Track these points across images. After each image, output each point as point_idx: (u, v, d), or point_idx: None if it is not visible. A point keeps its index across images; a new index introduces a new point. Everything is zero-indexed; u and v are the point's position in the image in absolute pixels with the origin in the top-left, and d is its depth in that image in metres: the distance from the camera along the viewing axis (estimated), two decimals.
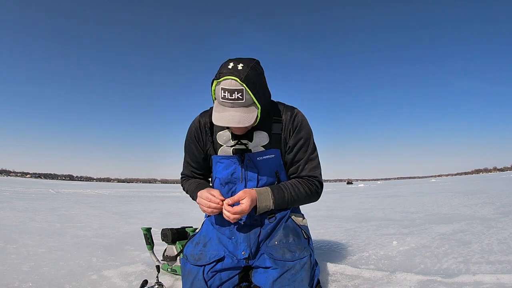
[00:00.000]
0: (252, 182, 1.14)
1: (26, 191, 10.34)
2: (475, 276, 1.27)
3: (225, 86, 0.97)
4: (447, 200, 5.34)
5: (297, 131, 1.15)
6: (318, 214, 4.10)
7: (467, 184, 13.11)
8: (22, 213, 4.04)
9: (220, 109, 1.01)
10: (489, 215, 3.16)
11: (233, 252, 1.09)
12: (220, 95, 0.99)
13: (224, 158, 1.16)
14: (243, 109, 1.00)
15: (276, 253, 1.05)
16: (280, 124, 1.15)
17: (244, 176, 1.14)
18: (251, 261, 1.07)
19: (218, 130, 1.18)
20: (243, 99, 0.98)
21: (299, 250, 1.06)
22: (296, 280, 0.99)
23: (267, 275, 1.01)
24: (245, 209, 1.02)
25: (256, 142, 1.13)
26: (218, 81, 0.99)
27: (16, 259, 1.72)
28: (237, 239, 1.10)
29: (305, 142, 1.16)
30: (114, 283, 1.36)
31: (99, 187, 19.49)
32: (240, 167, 1.14)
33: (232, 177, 1.15)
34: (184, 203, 6.57)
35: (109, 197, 9.06)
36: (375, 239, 2.21)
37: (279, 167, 1.17)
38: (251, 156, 1.13)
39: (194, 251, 1.12)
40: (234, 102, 0.98)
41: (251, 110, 1.01)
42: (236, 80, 0.96)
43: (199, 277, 1.03)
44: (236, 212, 1.02)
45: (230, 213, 1.02)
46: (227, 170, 1.16)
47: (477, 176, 47.53)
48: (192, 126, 1.25)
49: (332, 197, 8.70)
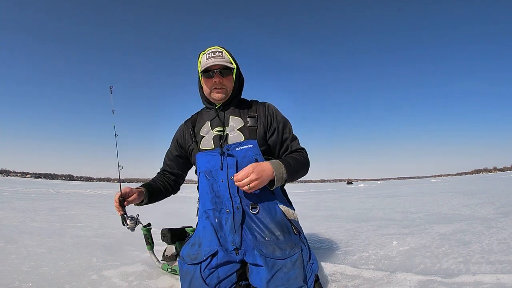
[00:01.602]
0: (232, 169, 1.20)
1: (26, 191, 10.34)
2: (475, 276, 1.27)
3: (209, 51, 1.30)
4: (447, 200, 5.34)
5: (275, 116, 1.33)
6: (318, 214, 4.09)
7: (467, 184, 13.10)
8: (22, 213, 4.04)
9: (205, 66, 1.27)
10: (489, 215, 3.16)
11: (224, 245, 1.12)
12: (205, 57, 1.29)
13: (207, 154, 1.27)
14: (223, 62, 1.26)
15: (266, 250, 1.07)
16: (255, 118, 1.30)
17: (225, 164, 1.21)
18: (240, 251, 1.09)
19: (200, 126, 1.37)
20: (222, 56, 1.28)
21: (289, 247, 1.07)
22: (290, 279, 0.99)
23: (260, 276, 1.02)
24: (247, 171, 1.09)
25: (232, 126, 1.29)
26: (203, 52, 1.32)
27: (16, 259, 1.72)
28: (225, 231, 1.16)
29: (285, 124, 1.34)
30: (114, 283, 1.36)
31: (99, 187, 19.48)
32: (220, 157, 1.23)
33: (213, 167, 1.24)
34: (184, 203, 6.57)
35: (109, 197, 9.05)
36: (375, 239, 2.21)
37: (258, 156, 1.24)
38: (229, 146, 1.24)
39: (191, 252, 1.13)
40: (216, 57, 1.27)
41: (229, 64, 1.29)
42: (217, 47, 1.31)
43: (196, 276, 1.04)
44: (240, 177, 1.09)
45: (239, 182, 1.09)
46: (209, 162, 1.25)
47: (477, 176, 47.54)
48: (179, 128, 1.48)
49: (332, 197, 8.70)
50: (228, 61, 1.29)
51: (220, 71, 1.27)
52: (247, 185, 1.08)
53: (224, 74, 1.28)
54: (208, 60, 1.26)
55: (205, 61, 1.27)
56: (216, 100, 1.32)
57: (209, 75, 1.27)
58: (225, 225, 1.16)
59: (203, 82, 1.32)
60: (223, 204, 1.20)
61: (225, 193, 1.20)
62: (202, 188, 1.29)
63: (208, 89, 1.31)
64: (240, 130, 1.28)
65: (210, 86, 1.30)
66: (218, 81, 1.27)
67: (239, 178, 1.09)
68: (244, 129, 1.28)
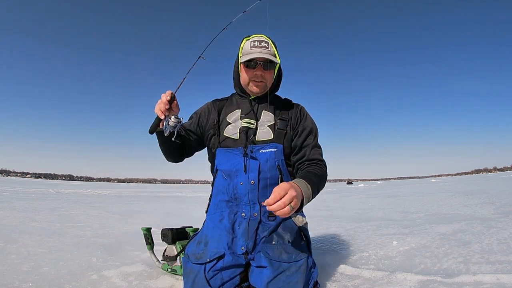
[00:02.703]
0: (253, 173, 1.15)
1: (26, 191, 10.34)
2: (475, 276, 1.27)
3: (255, 39, 1.21)
4: (447, 200, 5.34)
5: (304, 119, 1.28)
6: (318, 214, 4.09)
7: (467, 184, 13.10)
8: (22, 213, 4.04)
9: (249, 55, 1.18)
10: (489, 215, 3.16)
11: (233, 248, 1.09)
12: (249, 45, 1.21)
13: (227, 151, 1.21)
14: (268, 55, 1.18)
15: (272, 253, 1.05)
16: (285, 122, 1.24)
17: (247, 166, 1.16)
18: (249, 256, 1.07)
19: (228, 111, 1.29)
20: (268, 48, 1.21)
21: (296, 252, 1.06)
22: (291, 282, 0.98)
23: (262, 275, 1.01)
24: (281, 189, 0.88)
25: (263, 121, 1.24)
26: (248, 38, 1.23)
27: (16, 259, 1.72)
28: (236, 235, 1.12)
29: (311, 130, 1.26)
30: (114, 283, 1.36)
31: (99, 187, 19.48)
32: (243, 157, 1.17)
33: (234, 167, 1.18)
34: (184, 203, 6.57)
35: (109, 197, 9.05)
36: (375, 239, 2.21)
37: (281, 162, 1.19)
38: (253, 148, 1.18)
39: (196, 250, 1.11)
40: (261, 48, 1.19)
41: (274, 58, 1.19)
42: (263, 36, 1.24)
43: (200, 276, 1.03)
44: (272, 200, 0.86)
45: (271, 205, 0.86)
46: (230, 161, 1.19)
47: (477, 176, 47.54)
48: (205, 105, 1.38)
49: (332, 197, 8.69)
50: (273, 54, 1.21)
51: (263, 64, 1.19)
52: (286, 209, 0.86)
53: (266, 68, 1.20)
54: (252, 49, 1.19)
55: (249, 49, 1.19)
56: (253, 93, 1.26)
57: (251, 66, 1.19)
58: (237, 228, 1.13)
59: (242, 70, 1.24)
60: (239, 207, 1.16)
61: (244, 196, 1.15)
62: (217, 186, 1.24)
63: (247, 79, 1.24)
64: (270, 127, 1.23)
65: (250, 77, 1.22)
66: (260, 74, 1.20)
67: (275, 208, 0.86)
68: (274, 127, 1.23)
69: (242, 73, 1.24)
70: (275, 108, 1.28)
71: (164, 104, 1.08)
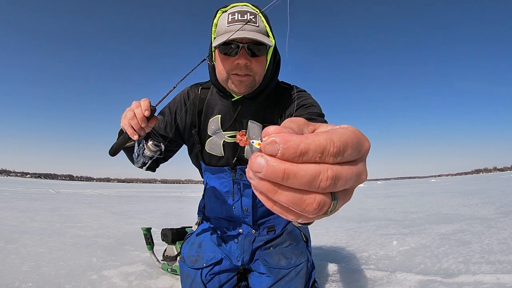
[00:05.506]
0: (247, 198, 1.01)
1: (26, 191, 10.33)
2: (475, 276, 1.27)
3: (234, 10, 0.79)
4: (447, 200, 5.34)
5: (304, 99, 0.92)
6: None
7: (467, 184, 13.10)
8: (22, 213, 4.04)
9: (225, 35, 0.77)
10: (489, 215, 3.16)
11: (229, 257, 1.06)
12: (227, 19, 0.79)
13: (216, 171, 1.01)
14: (256, 33, 0.78)
15: (271, 260, 1.01)
16: None
17: (237, 192, 1.00)
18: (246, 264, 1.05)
19: (209, 114, 0.97)
20: (256, 23, 0.79)
21: (295, 256, 1.02)
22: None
23: (261, 280, 0.99)
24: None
25: (249, 135, 0.93)
26: (224, 9, 0.82)
27: (16, 259, 1.72)
28: (231, 246, 1.05)
29: (314, 104, 0.92)
30: (114, 283, 1.36)
31: (99, 187, 19.47)
32: (231, 181, 0.99)
33: (225, 189, 1.03)
34: (184, 203, 6.56)
35: (109, 197, 9.05)
36: (375, 239, 2.21)
37: None
38: (244, 169, 0.94)
39: (191, 253, 1.10)
40: (245, 23, 0.77)
41: (265, 38, 0.78)
42: (248, 4, 0.81)
43: (197, 280, 1.02)
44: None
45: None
46: (219, 179, 1.03)
47: (477, 176, 47.48)
48: (181, 97, 1.01)
49: None
50: (264, 32, 0.81)
51: (249, 47, 0.79)
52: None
53: (254, 53, 0.80)
54: (231, 25, 0.78)
55: (226, 26, 0.79)
56: (235, 92, 0.88)
57: (231, 52, 0.80)
58: (234, 243, 1.05)
59: (217, 59, 0.85)
60: (236, 223, 1.08)
61: (240, 219, 1.06)
62: (210, 197, 1.11)
63: (224, 73, 0.84)
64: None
65: (229, 68, 0.83)
66: (243, 63, 0.80)
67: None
68: None
69: (218, 63, 0.85)
70: (268, 110, 0.94)
71: (140, 120, 0.73)
